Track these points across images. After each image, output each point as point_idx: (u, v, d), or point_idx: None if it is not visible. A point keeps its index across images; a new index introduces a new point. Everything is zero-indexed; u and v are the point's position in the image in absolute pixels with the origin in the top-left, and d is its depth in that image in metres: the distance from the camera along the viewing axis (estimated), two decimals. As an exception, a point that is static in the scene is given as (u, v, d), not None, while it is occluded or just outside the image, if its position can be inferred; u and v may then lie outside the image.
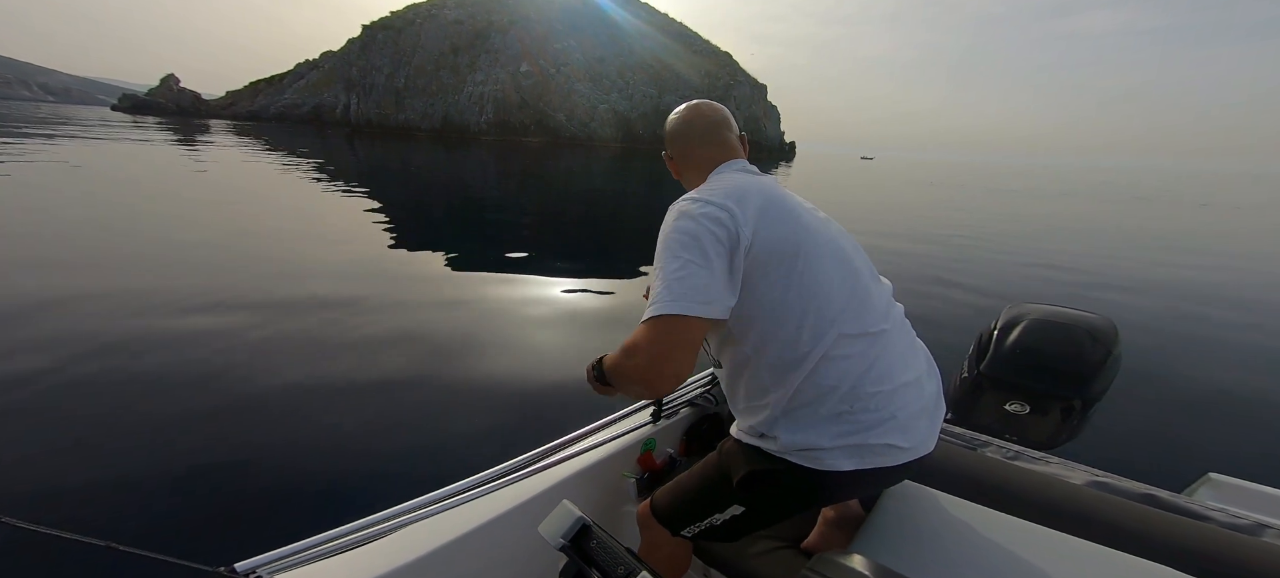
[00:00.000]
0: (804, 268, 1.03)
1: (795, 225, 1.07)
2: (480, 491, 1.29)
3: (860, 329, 1.04)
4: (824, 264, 1.05)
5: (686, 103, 1.33)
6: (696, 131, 1.28)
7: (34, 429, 2.91)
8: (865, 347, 1.03)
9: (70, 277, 5.38)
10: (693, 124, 1.28)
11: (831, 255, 1.07)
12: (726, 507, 1.13)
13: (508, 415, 3.33)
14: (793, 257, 1.03)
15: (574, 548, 0.75)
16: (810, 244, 1.06)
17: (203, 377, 3.53)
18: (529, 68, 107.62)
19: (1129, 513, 1.28)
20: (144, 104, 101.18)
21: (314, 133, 58.89)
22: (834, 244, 1.10)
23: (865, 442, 1.00)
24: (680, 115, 1.31)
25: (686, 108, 1.31)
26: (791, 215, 1.08)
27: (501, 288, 6.08)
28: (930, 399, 1.11)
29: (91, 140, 24.92)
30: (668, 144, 1.32)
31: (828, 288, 1.04)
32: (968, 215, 17.11)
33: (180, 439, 2.88)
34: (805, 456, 1.01)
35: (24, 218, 7.92)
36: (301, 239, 7.97)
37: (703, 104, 1.31)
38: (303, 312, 4.80)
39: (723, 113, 1.29)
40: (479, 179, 21.22)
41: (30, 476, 2.56)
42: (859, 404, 1.00)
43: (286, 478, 2.66)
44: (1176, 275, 9.01)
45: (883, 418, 1.01)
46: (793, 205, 1.11)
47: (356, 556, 1.07)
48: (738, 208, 1.03)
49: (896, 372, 1.05)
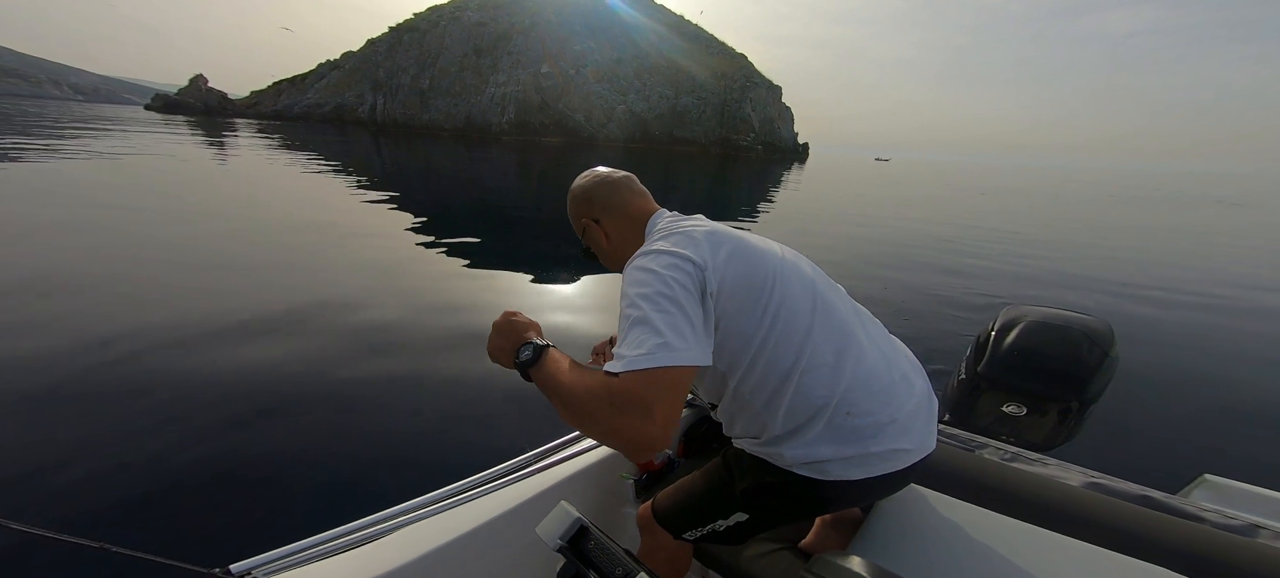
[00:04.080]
0: (774, 295, 1.01)
1: (761, 258, 1.04)
2: (478, 492, 1.28)
3: (830, 334, 1.02)
4: (790, 287, 1.03)
5: (584, 172, 1.26)
6: (622, 184, 1.22)
7: (29, 429, 2.84)
8: (840, 349, 1.01)
9: (69, 279, 5.22)
10: (612, 179, 1.22)
11: (795, 277, 1.06)
12: (731, 513, 1.13)
13: (507, 416, 3.26)
14: (767, 287, 1.01)
15: (572, 549, 0.74)
16: (780, 271, 1.04)
17: (200, 377, 3.45)
18: (550, 69, 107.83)
19: (1125, 514, 1.28)
20: (174, 103, 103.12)
21: (336, 132, 59.15)
22: (794, 266, 1.08)
23: (868, 450, 0.99)
24: (595, 178, 1.23)
25: (591, 174, 1.24)
26: (754, 249, 1.05)
27: (502, 288, 6.04)
28: (922, 396, 1.09)
29: (147, 138, 25.32)
30: (589, 209, 1.21)
31: (795, 306, 1.02)
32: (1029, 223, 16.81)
33: (176, 439, 2.82)
34: (812, 468, 1.00)
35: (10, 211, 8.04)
36: (313, 238, 7.80)
37: (603, 167, 1.26)
38: (302, 312, 4.70)
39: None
40: (498, 177, 21.26)
41: (25, 476, 2.49)
42: (855, 410, 0.99)
43: (283, 479, 2.61)
44: (1176, 277, 8.86)
45: (883, 422, 1.00)
46: (751, 240, 1.08)
47: (352, 557, 1.06)
48: (700, 255, 0.98)
49: (881, 371, 1.04)
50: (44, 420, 2.93)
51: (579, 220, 1.24)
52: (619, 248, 1.19)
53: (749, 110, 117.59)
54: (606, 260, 1.24)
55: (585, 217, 1.22)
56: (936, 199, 23.54)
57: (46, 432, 2.83)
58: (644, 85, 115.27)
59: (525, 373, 0.97)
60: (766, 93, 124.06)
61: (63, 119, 39.30)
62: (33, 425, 2.88)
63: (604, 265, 1.27)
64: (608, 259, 1.24)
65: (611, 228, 1.20)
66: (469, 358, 4.01)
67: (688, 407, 1.90)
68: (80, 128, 30.75)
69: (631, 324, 0.89)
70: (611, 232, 1.20)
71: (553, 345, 0.99)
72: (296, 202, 11.25)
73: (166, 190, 11.27)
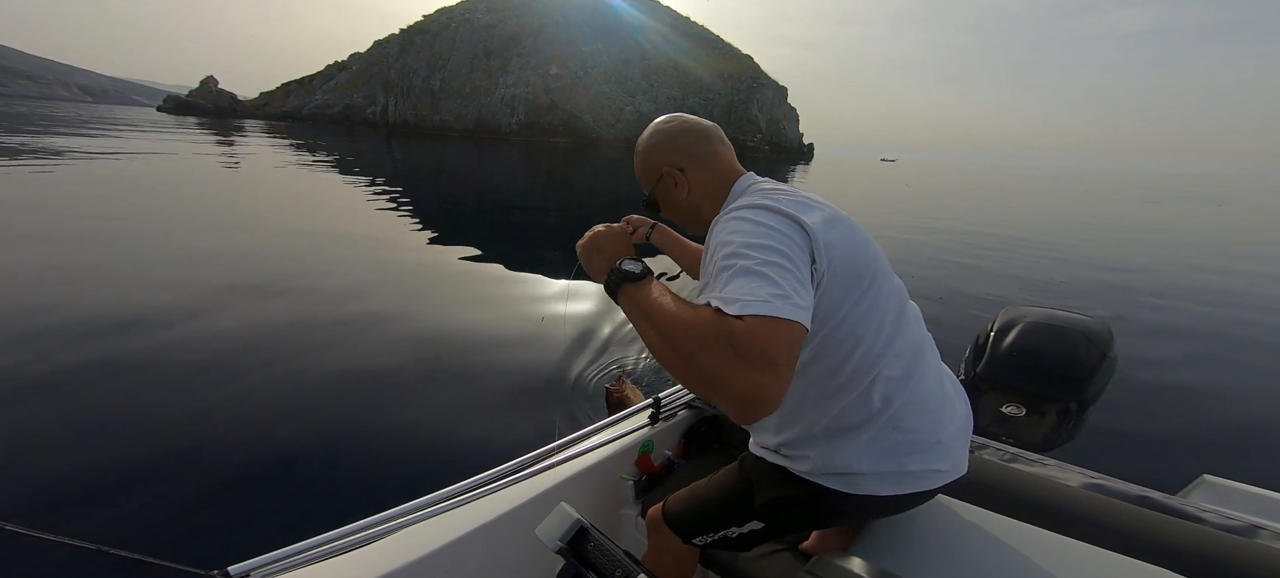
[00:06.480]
0: (870, 288, 0.91)
1: (865, 245, 0.93)
2: (477, 493, 1.27)
3: (907, 345, 0.95)
4: (883, 285, 0.93)
5: (665, 116, 1.11)
6: (713, 133, 1.07)
7: (24, 430, 2.80)
8: (909, 367, 0.95)
9: (67, 276, 5.19)
10: (702, 127, 1.07)
11: (887, 276, 0.96)
12: (745, 522, 1.08)
13: (506, 417, 3.23)
14: (865, 277, 0.90)
15: (571, 551, 0.74)
16: (879, 266, 0.94)
17: (198, 377, 3.40)
18: (558, 71, 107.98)
19: (1124, 515, 1.27)
20: (186, 105, 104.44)
21: (345, 133, 59.14)
22: (887, 264, 0.98)
23: (905, 467, 0.94)
24: (682, 123, 1.07)
25: (675, 118, 1.09)
26: (860, 234, 0.93)
27: (505, 285, 6.01)
28: (963, 419, 1.05)
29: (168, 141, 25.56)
30: (673, 155, 1.05)
31: (884, 306, 0.93)
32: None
33: (174, 440, 2.78)
34: (840, 479, 0.95)
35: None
36: (316, 237, 7.73)
37: (686, 114, 1.10)
38: (302, 311, 4.65)
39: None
40: (508, 178, 21.29)
41: (21, 478, 2.46)
42: (904, 426, 0.93)
43: (282, 480, 2.57)
44: (1176, 278, 8.79)
45: (928, 443, 0.95)
46: (850, 221, 0.94)
47: (352, 559, 1.05)
48: (813, 224, 0.85)
49: (934, 391, 0.98)
50: (44, 421, 2.90)
51: (658, 167, 1.06)
52: (699, 204, 1.06)
53: (755, 111, 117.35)
54: (678, 215, 1.11)
55: (668, 164, 1.05)
56: (936, 200, 23.36)
57: (46, 432, 2.81)
58: (651, 86, 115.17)
59: (619, 287, 0.86)
60: (772, 93, 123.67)
61: (79, 121, 39.58)
62: (32, 426, 2.85)
63: (671, 220, 1.16)
64: (680, 214, 1.10)
65: (696, 180, 1.04)
66: (469, 359, 3.97)
67: (687, 408, 1.89)
68: (103, 129, 31.10)
69: (737, 273, 0.75)
70: (695, 184, 1.04)
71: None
72: (312, 202, 11.35)
73: (193, 192, 11.38)
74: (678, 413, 1.85)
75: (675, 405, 1.85)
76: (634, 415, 1.75)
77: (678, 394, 1.87)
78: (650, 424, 1.74)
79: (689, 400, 1.89)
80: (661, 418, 1.77)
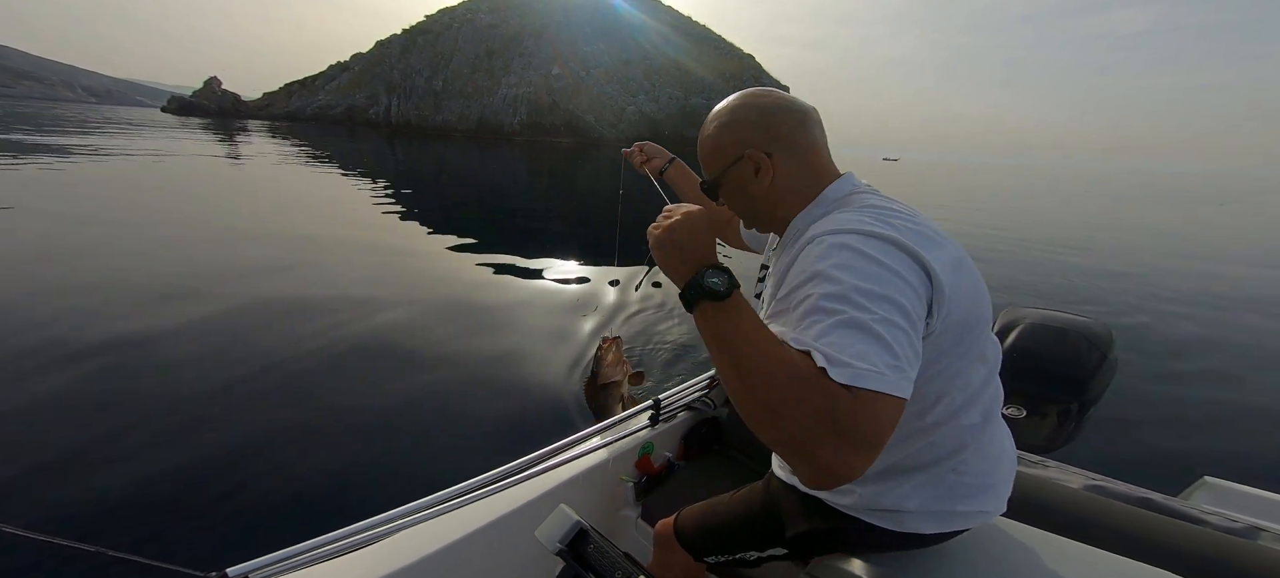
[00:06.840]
0: (974, 344, 0.81)
1: (982, 295, 0.81)
2: (477, 495, 1.26)
3: (987, 398, 0.87)
4: (987, 335, 0.84)
5: (753, 89, 0.91)
6: (812, 118, 0.87)
7: (23, 433, 2.79)
8: (987, 414, 0.87)
9: (66, 275, 5.19)
10: (800, 108, 0.87)
11: (989, 320, 0.85)
12: (767, 547, 1.03)
13: (505, 418, 3.22)
14: (975, 331, 0.80)
15: (571, 552, 0.74)
16: (988, 316, 0.83)
17: (197, 380, 3.38)
18: (560, 71, 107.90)
19: (1125, 516, 1.26)
20: (189, 105, 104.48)
21: (347, 133, 59.06)
22: (991, 310, 0.85)
23: (955, 509, 0.89)
24: (777, 101, 0.87)
25: (767, 93, 0.88)
26: (978, 281, 0.80)
27: (507, 286, 5.99)
28: (1012, 460, 0.98)
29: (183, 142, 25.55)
30: (763, 137, 0.85)
31: (985, 353, 0.84)
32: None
33: (172, 442, 2.77)
34: (886, 517, 0.89)
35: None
36: (317, 238, 7.69)
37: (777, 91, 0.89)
38: (302, 312, 4.62)
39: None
40: (510, 178, 21.25)
41: (20, 480, 2.45)
42: (964, 469, 0.88)
43: (280, 482, 2.57)
44: (1176, 278, 8.76)
45: (983, 486, 0.90)
46: (973, 266, 0.81)
47: (351, 560, 1.04)
48: (936, 265, 0.71)
49: (997, 435, 0.92)
50: (43, 421, 2.90)
51: (739, 146, 0.86)
52: (780, 198, 0.87)
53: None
54: (747, 206, 0.92)
55: (755, 145, 0.85)
56: (936, 200, 23.30)
57: (46, 433, 2.81)
58: (653, 86, 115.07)
59: (697, 302, 0.70)
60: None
61: (85, 122, 39.69)
62: (32, 426, 2.86)
63: (733, 209, 0.94)
64: (750, 205, 0.91)
65: (783, 171, 0.85)
66: (469, 359, 3.97)
67: (687, 410, 1.88)
68: (110, 131, 31.13)
69: (845, 324, 0.63)
70: (781, 175, 0.85)
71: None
72: (312, 203, 11.36)
73: (194, 192, 11.41)
74: (678, 415, 1.84)
75: (675, 407, 1.83)
76: (634, 417, 1.74)
77: (678, 395, 1.85)
78: (650, 426, 1.73)
79: (689, 402, 1.88)
80: (661, 419, 1.75)
